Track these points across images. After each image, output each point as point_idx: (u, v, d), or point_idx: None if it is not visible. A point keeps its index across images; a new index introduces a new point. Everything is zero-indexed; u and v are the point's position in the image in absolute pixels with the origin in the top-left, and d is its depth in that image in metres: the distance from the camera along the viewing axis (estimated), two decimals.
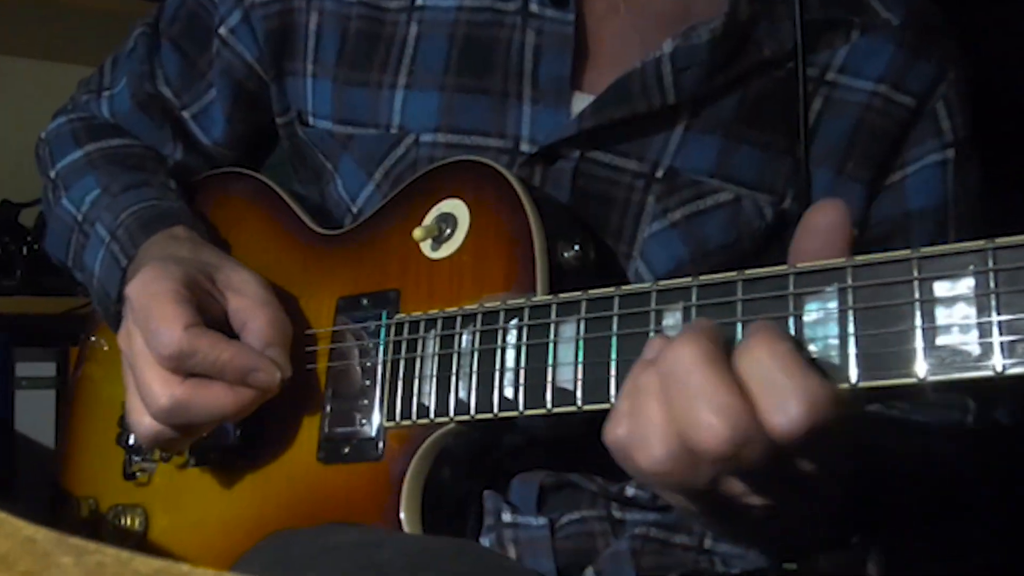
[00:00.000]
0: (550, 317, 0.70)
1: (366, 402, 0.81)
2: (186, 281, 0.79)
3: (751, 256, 0.88)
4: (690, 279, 0.63)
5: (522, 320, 0.72)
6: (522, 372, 0.71)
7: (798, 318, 0.58)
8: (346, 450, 0.81)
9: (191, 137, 1.06)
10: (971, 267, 0.54)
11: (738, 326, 0.60)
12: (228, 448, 0.88)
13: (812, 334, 0.58)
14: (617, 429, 0.59)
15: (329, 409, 0.83)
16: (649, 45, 0.86)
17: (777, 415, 0.53)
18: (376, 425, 0.80)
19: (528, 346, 0.71)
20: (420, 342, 0.78)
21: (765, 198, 0.88)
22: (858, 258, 0.57)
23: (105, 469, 1.00)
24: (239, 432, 0.88)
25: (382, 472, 0.79)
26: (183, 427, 0.80)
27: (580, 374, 0.67)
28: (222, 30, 1.00)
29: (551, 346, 0.69)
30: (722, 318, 0.61)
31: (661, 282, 0.64)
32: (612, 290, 0.67)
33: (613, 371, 0.65)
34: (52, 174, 1.05)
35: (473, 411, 0.73)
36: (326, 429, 0.83)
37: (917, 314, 0.55)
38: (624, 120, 0.86)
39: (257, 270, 0.87)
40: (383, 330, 0.81)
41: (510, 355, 0.72)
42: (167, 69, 1.05)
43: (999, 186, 0.96)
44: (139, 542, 0.95)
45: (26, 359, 1.85)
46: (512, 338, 0.72)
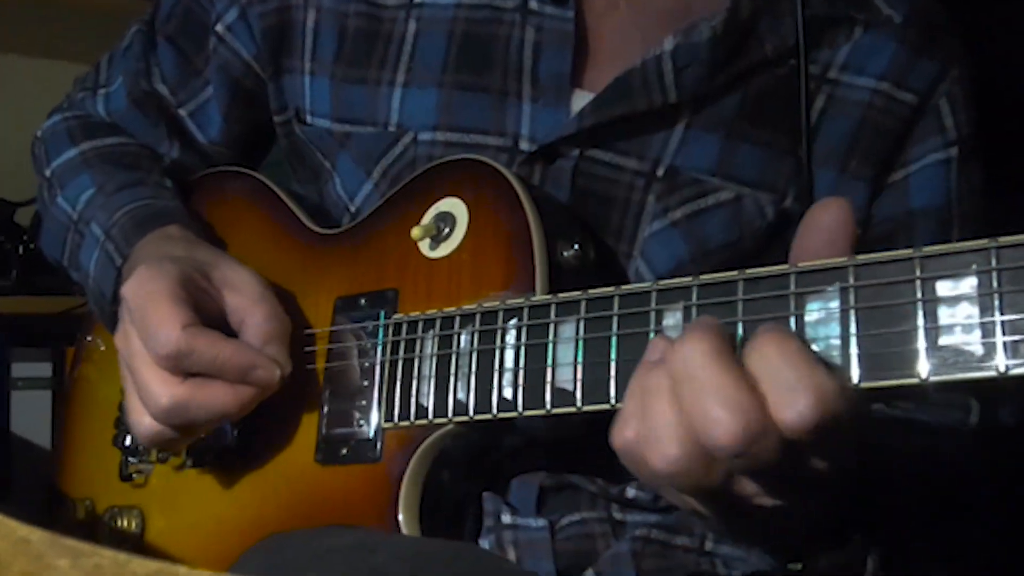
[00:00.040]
0: (549, 317, 0.70)
1: (364, 403, 0.81)
2: (182, 280, 0.79)
3: (752, 255, 0.88)
4: (691, 279, 0.63)
5: (521, 320, 0.71)
6: (521, 372, 0.71)
7: (799, 318, 0.58)
8: (344, 451, 0.81)
9: (187, 135, 1.06)
10: (974, 266, 0.53)
11: (739, 326, 0.60)
12: (225, 449, 0.88)
13: (814, 334, 0.58)
14: (626, 431, 0.59)
15: (327, 410, 0.83)
16: (650, 42, 0.86)
17: (787, 410, 0.53)
18: (374, 426, 0.80)
19: (527, 346, 0.71)
20: (418, 342, 0.78)
21: (767, 197, 0.88)
22: (860, 257, 0.57)
23: (101, 470, 1.00)
24: (236, 433, 0.88)
25: (380, 473, 0.79)
26: (183, 427, 0.80)
27: (580, 374, 0.67)
28: (219, 27, 1.00)
29: (550, 346, 0.69)
30: (723, 318, 0.61)
31: (661, 282, 0.64)
32: (612, 290, 0.67)
33: (613, 372, 0.65)
34: (47, 173, 1.05)
35: (472, 412, 0.73)
36: (324, 430, 0.83)
37: (919, 314, 0.54)
38: (624, 118, 0.86)
39: (254, 269, 0.87)
40: (381, 330, 0.81)
41: (509, 355, 0.72)
42: (163, 67, 1.05)
43: (1002, 185, 0.96)
44: (136, 544, 0.95)
45: (22, 359, 1.85)
46: (511, 338, 0.72)
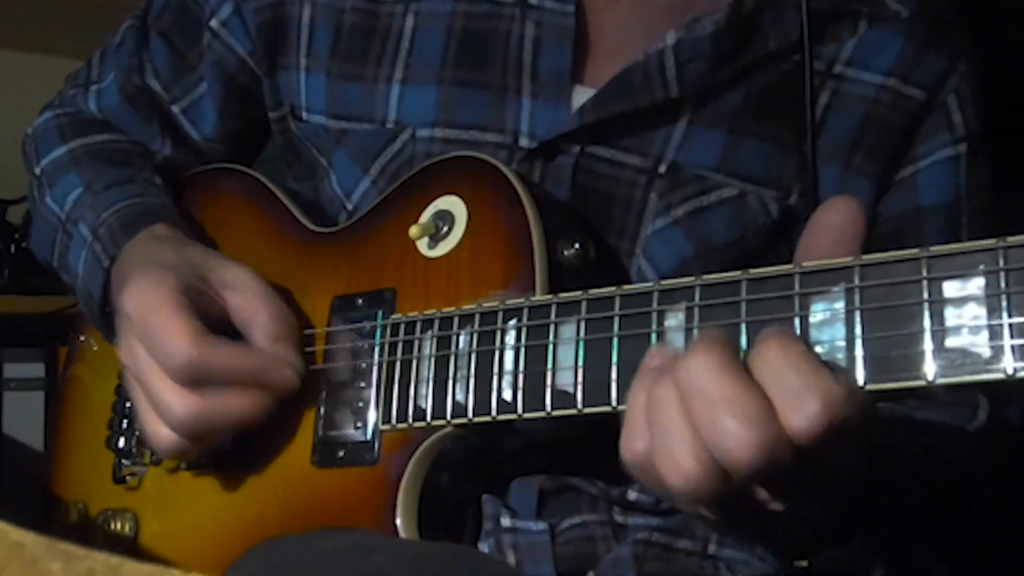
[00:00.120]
0: (550, 317, 0.70)
1: (361, 404, 0.81)
2: (182, 287, 0.79)
3: (756, 253, 0.88)
4: (693, 279, 0.63)
5: (521, 320, 0.71)
6: (521, 374, 0.70)
7: (804, 319, 0.58)
8: (341, 453, 0.81)
9: (181, 132, 1.06)
10: (981, 267, 0.53)
11: (742, 327, 0.60)
12: (220, 451, 0.88)
13: (818, 335, 0.58)
14: (636, 445, 0.58)
15: (323, 411, 0.83)
16: (651, 37, 0.86)
17: (795, 416, 0.53)
18: (372, 428, 0.80)
19: (527, 347, 0.71)
20: (416, 343, 0.78)
21: (770, 194, 0.88)
22: (866, 257, 0.57)
23: (95, 473, 1.00)
24: (231, 435, 0.88)
25: (378, 476, 0.79)
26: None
27: (580, 376, 0.67)
28: (213, 22, 1.00)
29: (551, 347, 0.69)
30: (726, 319, 0.61)
31: (664, 282, 0.64)
32: (613, 290, 0.67)
33: (614, 373, 0.65)
34: (37, 171, 1.05)
35: (471, 414, 0.73)
36: (320, 432, 0.83)
37: (926, 315, 0.54)
38: (626, 114, 0.86)
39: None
40: (379, 331, 0.81)
41: (509, 356, 0.72)
42: (156, 62, 1.05)
43: (1010, 181, 0.96)
44: (129, 547, 0.95)
45: (14, 360, 1.86)
46: (511, 339, 0.72)
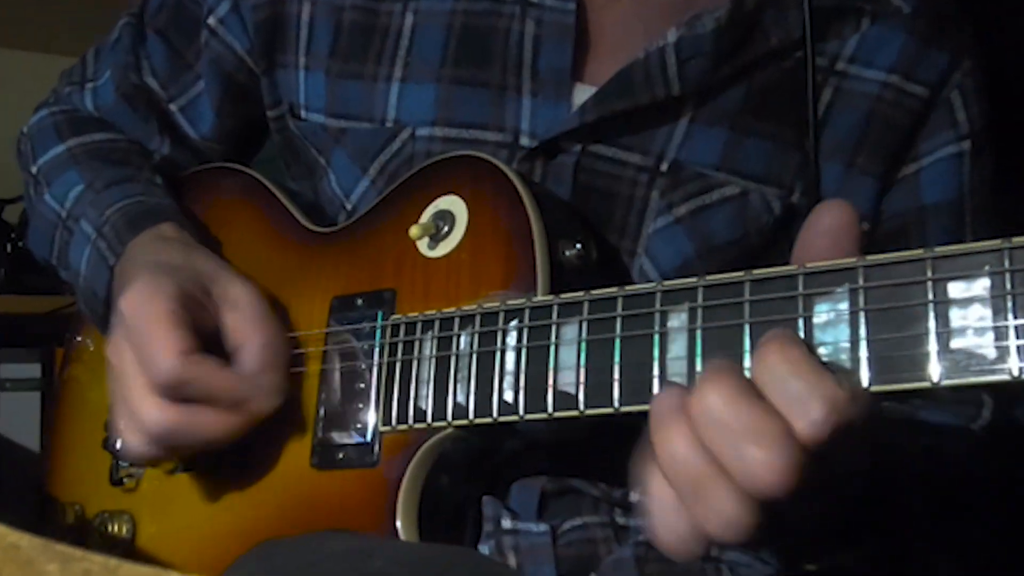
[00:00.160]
0: (551, 318, 0.70)
1: (361, 406, 0.81)
2: (181, 298, 0.79)
3: (759, 251, 0.88)
4: (696, 279, 0.63)
5: (522, 321, 0.71)
6: (522, 375, 0.70)
7: (808, 320, 0.58)
8: (340, 455, 0.81)
9: (178, 131, 1.06)
10: (987, 267, 0.53)
11: (746, 328, 0.60)
12: (218, 453, 0.88)
13: (822, 336, 0.58)
14: (678, 527, 0.56)
15: (323, 413, 0.83)
16: (652, 34, 0.86)
17: (800, 420, 0.53)
18: (371, 430, 0.80)
19: (528, 348, 0.70)
20: (417, 344, 0.78)
21: (773, 192, 0.88)
22: (870, 258, 0.57)
23: (91, 474, 1.00)
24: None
25: (377, 478, 0.79)
26: (171, 449, 0.81)
27: (582, 377, 0.67)
28: (211, 20, 1.00)
29: (552, 348, 0.69)
30: (729, 320, 0.61)
31: (666, 282, 0.64)
32: (615, 290, 0.67)
33: (616, 374, 0.65)
34: (33, 170, 1.05)
35: (472, 415, 0.73)
36: (319, 434, 0.83)
37: (931, 316, 0.54)
38: (627, 112, 0.86)
39: (248, 269, 0.87)
40: (378, 331, 0.81)
41: (510, 357, 0.71)
42: (153, 60, 1.05)
43: (1014, 180, 0.96)
44: (127, 549, 0.95)
45: (10, 360, 1.85)
46: (512, 340, 0.72)
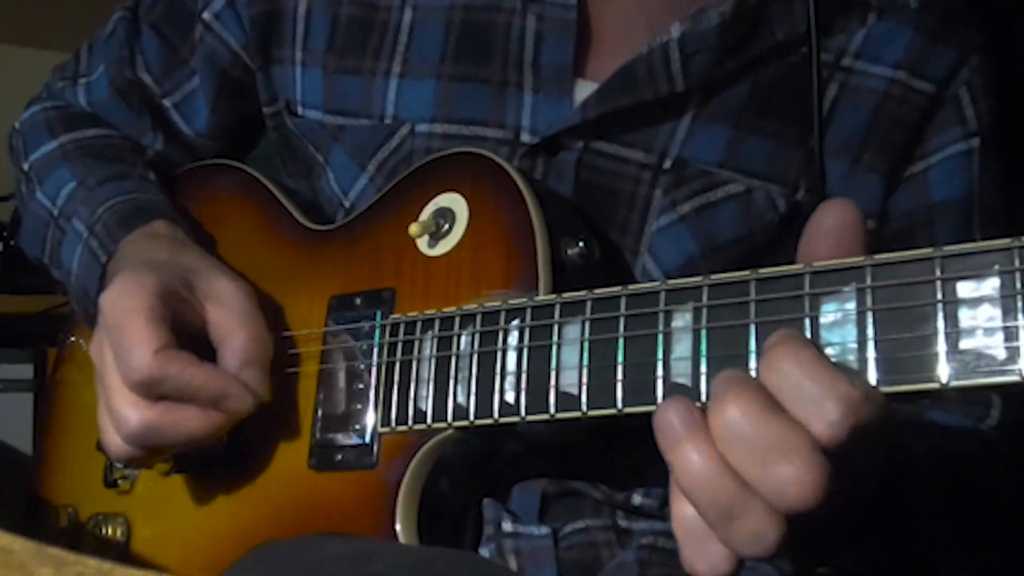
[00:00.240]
0: (553, 318, 0.70)
1: (360, 407, 0.81)
2: (162, 294, 0.79)
3: (764, 250, 0.88)
4: (701, 278, 0.63)
5: (524, 321, 0.71)
6: (524, 375, 0.70)
7: (814, 319, 0.58)
8: (339, 457, 0.81)
9: (172, 127, 1.06)
10: (996, 267, 0.53)
11: (751, 328, 0.60)
12: (214, 455, 0.88)
13: (829, 337, 0.58)
14: (709, 549, 0.56)
15: (321, 414, 0.83)
16: (655, 29, 0.86)
17: (817, 423, 0.53)
18: (370, 431, 0.80)
19: (530, 348, 0.70)
20: (416, 344, 0.78)
21: (777, 189, 0.88)
22: (877, 257, 0.57)
23: (85, 476, 1.00)
24: (225, 438, 0.88)
25: (376, 480, 0.79)
26: (153, 449, 0.81)
27: (585, 378, 0.67)
28: (206, 15, 1.00)
29: (554, 348, 0.69)
30: (734, 319, 0.61)
31: (670, 281, 0.64)
32: (619, 289, 0.67)
33: (620, 375, 0.65)
34: (25, 166, 1.05)
35: (472, 416, 0.73)
36: (317, 435, 0.83)
37: (940, 316, 0.54)
38: (630, 108, 0.86)
39: (244, 268, 0.87)
40: (377, 331, 0.81)
41: (511, 357, 0.71)
42: (147, 55, 1.05)
43: (1022, 174, 0.96)
44: (121, 553, 0.95)
45: (2, 360, 1.85)
46: (513, 340, 0.72)
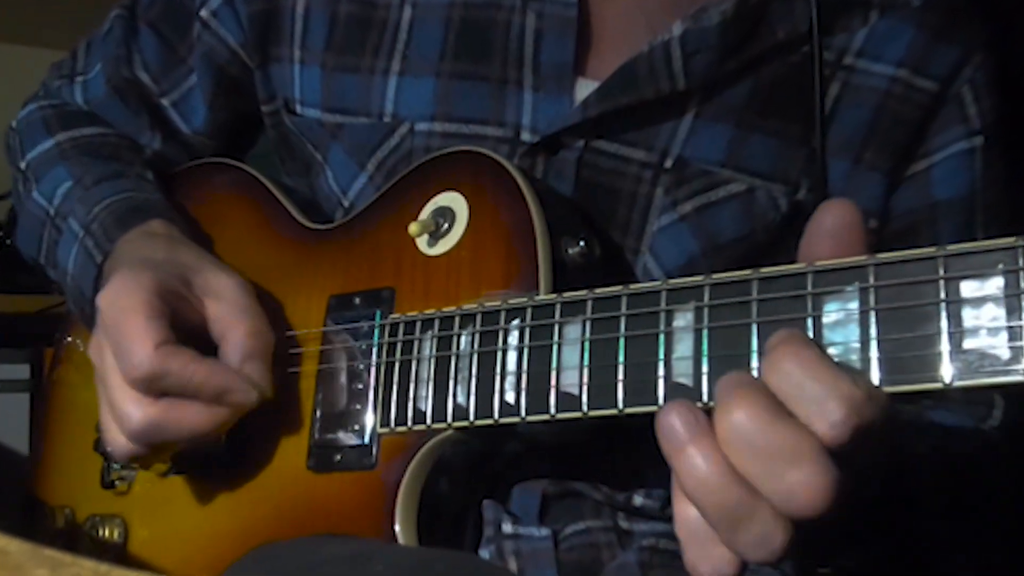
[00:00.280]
0: (554, 317, 0.70)
1: (359, 407, 0.81)
2: (159, 290, 0.79)
3: (765, 249, 0.88)
4: (702, 278, 0.63)
5: (524, 320, 0.71)
6: (524, 376, 0.70)
7: (817, 319, 0.58)
8: (337, 458, 0.81)
9: (170, 125, 1.06)
10: (1000, 266, 0.53)
11: (753, 327, 0.60)
12: (212, 455, 0.88)
13: (832, 336, 0.58)
14: (713, 553, 0.56)
15: (320, 414, 0.83)
16: (656, 28, 0.86)
17: (819, 424, 0.53)
18: (369, 431, 0.80)
19: (530, 348, 0.71)
20: (416, 343, 0.78)
21: (779, 188, 0.88)
22: (880, 256, 0.57)
23: (82, 477, 1.00)
24: (224, 438, 0.88)
25: (375, 481, 0.79)
26: (156, 446, 0.81)
27: (586, 378, 0.67)
28: (203, 13, 1.00)
29: (555, 348, 0.69)
30: (736, 319, 0.61)
31: (672, 281, 0.64)
32: (620, 289, 0.67)
33: (621, 375, 0.65)
34: (22, 165, 1.05)
35: (472, 417, 0.73)
36: (316, 435, 0.83)
37: (943, 315, 0.54)
38: (631, 107, 0.86)
39: (242, 267, 0.87)
40: (377, 331, 0.81)
41: (511, 357, 0.71)
42: (145, 53, 1.05)
43: None
44: (118, 554, 0.95)
45: None
46: (513, 339, 0.72)
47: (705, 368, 0.61)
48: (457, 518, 0.82)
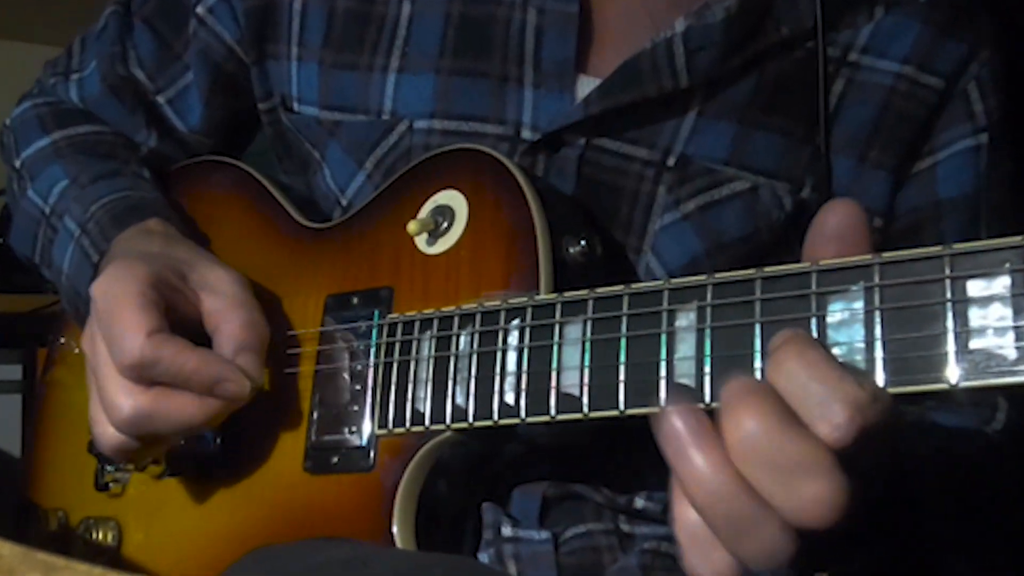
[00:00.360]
0: (554, 317, 0.70)
1: (356, 408, 0.81)
2: (153, 281, 0.79)
3: (769, 248, 0.88)
4: (705, 277, 0.63)
5: (524, 320, 0.71)
6: (524, 376, 0.70)
7: (821, 319, 0.58)
8: (335, 459, 0.81)
9: (166, 123, 1.06)
10: (1007, 265, 0.53)
11: (757, 327, 0.60)
12: (207, 457, 0.88)
13: (836, 336, 0.57)
14: (713, 558, 0.55)
15: (316, 415, 0.83)
16: (659, 24, 0.86)
17: (823, 425, 0.52)
18: (367, 433, 0.80)
19: (531, 348, 0.70)
20: (415, 344, 0.78)
21: (783, 187, 0.88)
22: (885, 255, 0.57)
23: (75, 479, 1.00)
24: (219, 440, 0.88)
25: (373, 483, 0.78)
26: (147, 438, 0.80)
27: (586, 379, 0.67)
28: (199, 9, 1.00)
29: (555, 348, 0.69)
30: (739, 319, 0.61)
31: (674, 280, 0.64)
32: (621, 288, 0.67)
33: (622, 376, 0.65)
34: (17, 163, 1.05)
35: (471, 418, 0.73)
36: (313, 437, 0.83)
37: (949, 315, 0.54)
38: (633, 105, 0.85)
39: (239, 266, 0.87)
40: (375, 331, 0.81)
41: (511, 358, 0.71)
42: (140, 50, 1.05)
43: None
44: (112, 557, 0.95)
45: None
46: (513, 340, 0.72)
47: (708, 369, 0.61)
48: (456, 521, 0.82)
